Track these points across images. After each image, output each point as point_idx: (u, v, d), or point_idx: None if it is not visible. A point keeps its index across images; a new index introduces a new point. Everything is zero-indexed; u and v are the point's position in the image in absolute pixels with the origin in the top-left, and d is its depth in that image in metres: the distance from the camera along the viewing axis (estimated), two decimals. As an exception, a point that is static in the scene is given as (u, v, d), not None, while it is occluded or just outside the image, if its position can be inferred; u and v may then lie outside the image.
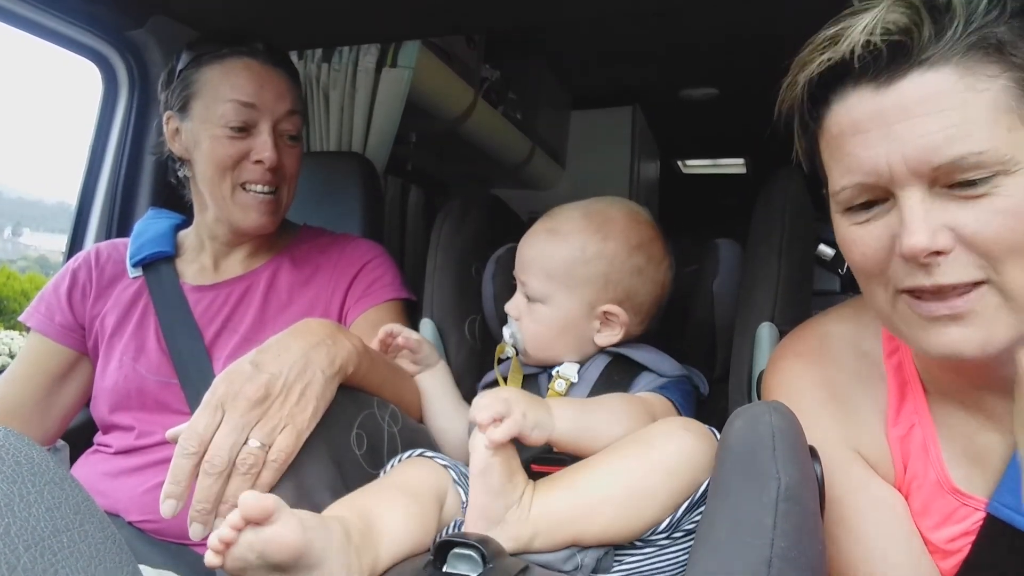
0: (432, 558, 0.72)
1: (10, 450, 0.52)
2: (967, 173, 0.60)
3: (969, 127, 0.60)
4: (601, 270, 1.02)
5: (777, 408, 0.70)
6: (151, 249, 1.25)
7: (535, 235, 1.07)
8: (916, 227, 0.62)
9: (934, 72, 0.61)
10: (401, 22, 1.55)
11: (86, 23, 1.40)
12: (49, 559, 0.48)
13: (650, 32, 2.30)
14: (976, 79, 0.60)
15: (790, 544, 0.61)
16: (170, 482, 0.76)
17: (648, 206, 1.10)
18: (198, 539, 0.75)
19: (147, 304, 1.23)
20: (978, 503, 0.73)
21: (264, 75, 1.18)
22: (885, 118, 0.62)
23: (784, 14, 1.69)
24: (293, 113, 1.20)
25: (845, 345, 0.83)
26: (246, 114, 1.15)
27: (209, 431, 0.77)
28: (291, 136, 1.21)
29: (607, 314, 1.03)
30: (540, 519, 0.75)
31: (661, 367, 1.02)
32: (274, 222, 1.21)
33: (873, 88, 0.63)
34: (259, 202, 1.18)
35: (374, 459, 0.91)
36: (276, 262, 1.27)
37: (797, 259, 1.04)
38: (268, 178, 1.17)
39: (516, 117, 2.63)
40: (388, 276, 1.27)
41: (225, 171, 1.16)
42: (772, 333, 1.00)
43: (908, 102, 0.61)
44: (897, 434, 0.78)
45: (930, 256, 0.62)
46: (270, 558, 0.63)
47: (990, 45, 0.60)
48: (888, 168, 0.62)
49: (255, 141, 1.16)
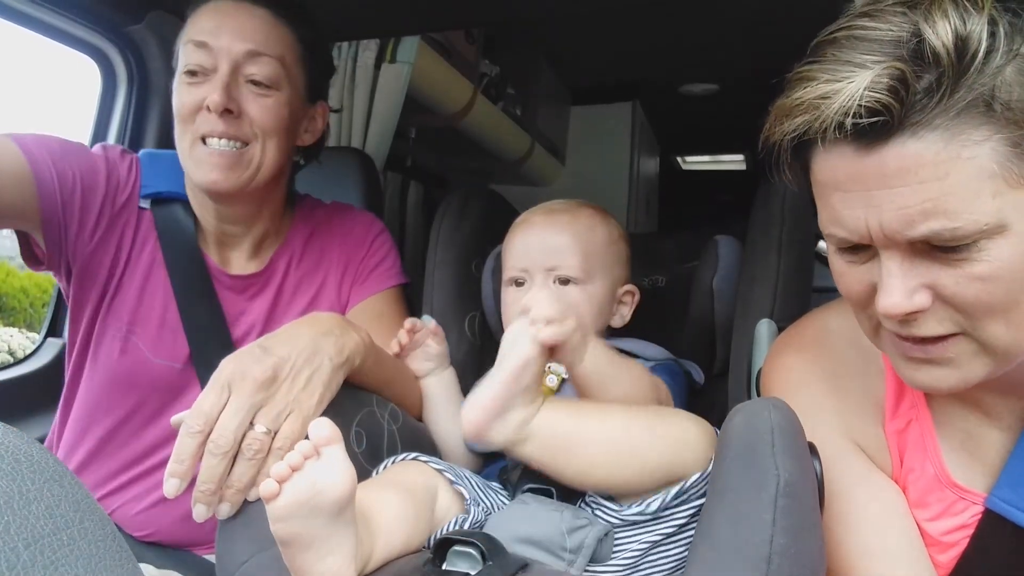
0: (432, 555, 0.72)
1: (9, 447, 0.52)
2: (945, 244, 0.59)
3: (947, 200, 0.57)
4: (621, 251, 1.12)
5: (776, 404, 0.70)
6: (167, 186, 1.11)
7: (555, 221, 1.08)
8: (893, 289, 0.61)
9: (916, 140, 0.57)
10: (400, 17, 1.54)
11: (84, 19, 1.39)
12: (49, 557, 0.48)
13: (650, 28, 2.30)
14: (962, 146, 0.56)
15: (789, 540, 0.61)
16: (174, 461, 0.73)
17: (648, 202, 1.12)
18: (202, 520, 0.74)
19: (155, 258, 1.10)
20: (976, 497, 0.73)
21: (228, 12, 1.02)
22: (865, 183, 0.60)
23: (784, 9, 1.69)
24: (258, 55, 1.02)
25: (844, 339, 0.83)
26: (199, 56, 1.01)
27: (215, 410, 0.75)
28: (255, 81, 1.03)
29: (623, 295, 1.11)
30: (539, 427, 0.78)
31: (647, 353, 1.07)
32: (240, 181, 1.03)
33: (854, 150, 0.60)
34: (215, 156, 1.01)
35: (373, 457, 0.91)
36: (284, 254, 1.18)
37: (796, 255, 1.04)
38: (221, 127, 1.00)
39: (516, 113, 2.63)
40: (391, 258, 1.23)
41: (184, 123, 1.03)
42: (771, 329, 1.01)
43: (888, 171, 0.59)
44: (895, 428, 0.78)
45: (906, 316, 0.62)
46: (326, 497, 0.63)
47: (980, 104, 0.56)
48: (867, 231, 0.62)
49: (211, 86, 1.01)
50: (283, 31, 1.06)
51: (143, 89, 1.52)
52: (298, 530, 0.64)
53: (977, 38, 0.55)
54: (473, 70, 2.23)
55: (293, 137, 1.11)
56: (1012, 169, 0.57)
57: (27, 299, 3.10)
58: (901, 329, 0.64)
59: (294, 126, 1.10)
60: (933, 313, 0.62)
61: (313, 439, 0.65)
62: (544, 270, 1.05)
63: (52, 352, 1.45)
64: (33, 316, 3.06)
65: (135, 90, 1.51)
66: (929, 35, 0.56)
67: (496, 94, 2.46)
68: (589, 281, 1.06)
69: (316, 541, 0.65)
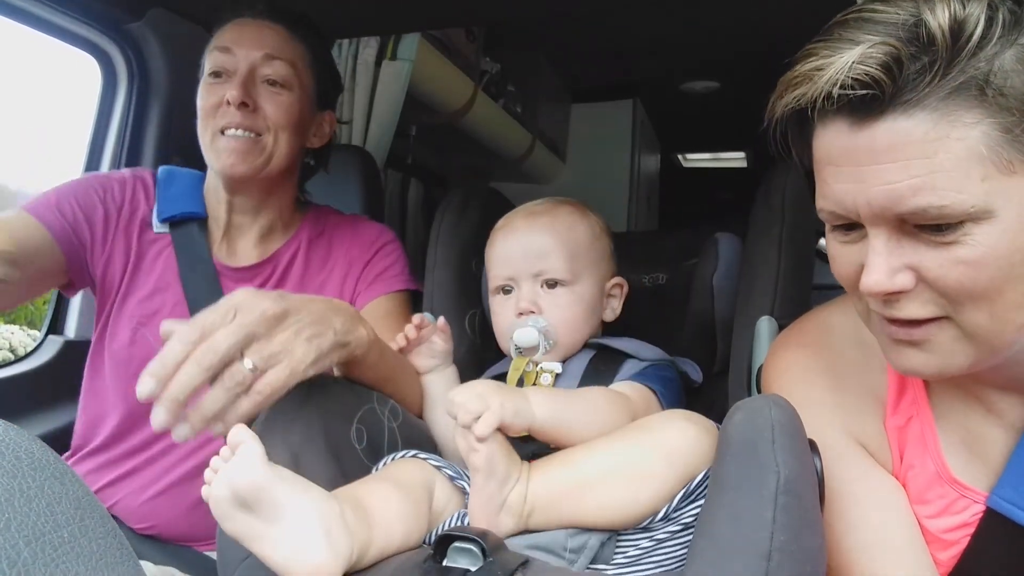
0: (432, 552, 0.72)
1: (10, 444, 0.52)
2: (931, 222, 0.59)
3: (936, 178, 0.58)
4: (605, 246, 1.11)
5: (777, 401, 0.70)
6: (183, 208, 1.20)
7: (536, 224, 1.08)
8: (876, 267, 0.62)
9: (907, 118, 0.58)
10: (401, 15, 1.54)
11: (84, 16, 1.39)
12: (50, 554, 0.48)
13: (651, 25, 2.29)
14: (952, 127, 0.57)
15: (790, 537, 0.61)
16: (156, 362, 0.72)
17: (649, 199, 1.12)
18: (160, 429, 0.72)
19: (167, 266, 1.19)
20: (978, 495, 0.73)
21: (250, 25, 1.17)
22: (856, 159, 0.61)
23: (785, 6, 1.69)
24: (273, 58, 1.15)
25: (845, 335, 0.83)
26: (222, 59, 1.14)
27: (214, 328, 0.74)
28: (271, 81, 1.15)
29: (612, 288, 1.11)
30: (538, 495, 0.77)
31: (642, 352, 1.05)
32: (253, 167, 1.14)
33: (848, 125, 0.61)
34: (232, 142, 1.13)
35: (374, 454, 0.91)
36: (290, 248, 1.25)
37: (797, 253, 1.04)
38: (238, 119, 1.12)
39: (516, 110, 2.63)
40: (399, 264, 1.27)
41: (207, 118, 1.15)
42: (772, 327, 1.00)
43: (878, 147, 0.60)
44: (895, 423, 0.78)
45: (888, 295, 0.63)
46: (234, 490, 0.66)
47: (973, 87, 0.57)
48: (855, 207, 0.62)
49: (231, 84, 1.13)
50: (296, 42, 1.19)
51: (143, 86, 1.52)
52: (240, 527, 0.68)
53: (975, 21, 0.56)
54: (474, 68, 2.23)
55: (303, 137, 1.22)
56: (1002, 155, 0.57)
57: (28, 297, 3.10)
58: (885, 310, 0.64)
59: (304, 126, 1.21)
60: (917, 295, 0.62)
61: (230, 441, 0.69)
62: (530, 276, 1.05)
63: (53, 349, 1.45)
64: (34, 313, 3.06)
65: (135, 87, 1.51)
66: (928, 17, 0.57)
67: (497, 92, 2.46)
68: (577, 281, 1.05)
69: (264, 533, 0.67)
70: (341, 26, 1.63)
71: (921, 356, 0.65)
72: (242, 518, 0.67)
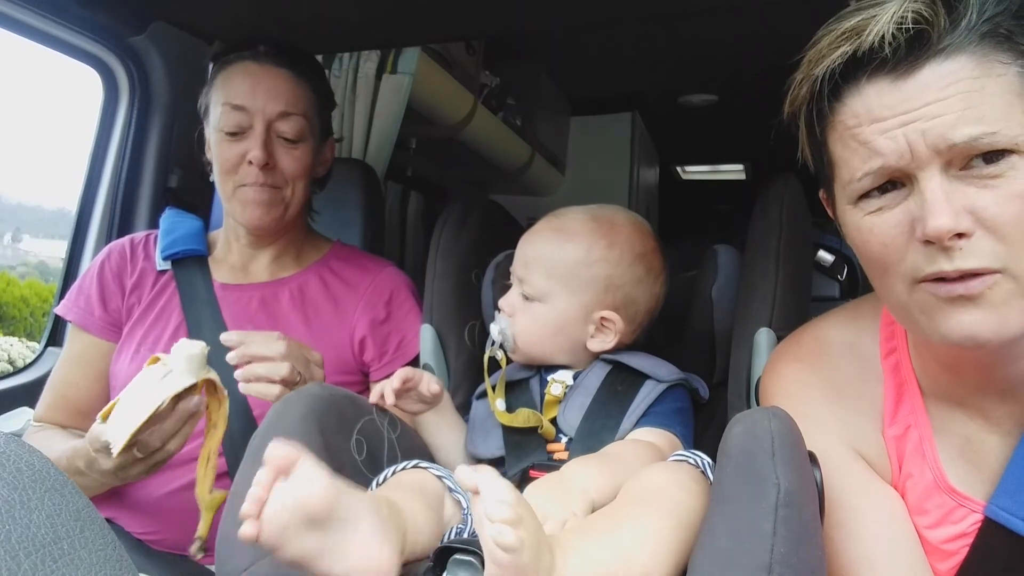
0: (432, 564, 0.72)
1: (11, 456, 0.52)
2: (983, 152, 0.62)
3: (984, 108, 0.62)
4: (604, 274, 1.02)
5: (776, 413, 0.70)
6: (184, 245, 1.28)
7: (539, 233, 1.07)
8: (939, 209, 0.62)
9: (951, 61, 0.63)
10: (401, 28, 1.55)
11: (87, 29, 1.40)
12: (50, 566, 0.48)
13: (650, 38, 2.31)
14: (991, 65, 0.63)
15: (790, 550, 0.61)
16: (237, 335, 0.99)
17: (647, 212, 1.11)
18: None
19: (171, 299, 1.25)
20: (976, 505, 0.73)
21: (259, 76, 1.20)
22: (904, 106, 0.64)
23: (783, 21, 1.70)
24: (288, 115, 1.20)
25: (842, 347, 0.83)
26: (237, 117, 1.18)
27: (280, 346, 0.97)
28: (287, 138, 1.21)
29: (603, 320, 1.03)
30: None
31: (659, 373, 1.02)
32: (275, 217, 1.23)
33: (891, 80, 0.65)
34: (255, 196, 1.20)
35: (374, 465, 0.91)
36: (305, 276, 1.30)
37: (795, 265, 1.04)
38: (261, 179, 1.19)
39: (516, 123, 2.64)
40: (412, 331, 1.27)
41: (227, 173, 1.20)
42: (770, 339, 1.01)
43: (927, 90, 0.63)
44: (893, 434, 0.78)
45: (953, 239, 0.62)
46: (306, 509, 0.62)
47: (1001, 35, 0.63)
48: (909, 149, 0.64)
49: (250, 143, 1.18)
50: (304, 89, 1.24)
51: (145, 99, 1.53)
52: (308, 547, 0.63)
53: None
54: (473, 81, 2.24)
55: (312, 174, 1.29)
56: None
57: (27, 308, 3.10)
58: (946, 264, 0.63)
59: (313, 166, 1.28)
60: (977, 243, 0.63)
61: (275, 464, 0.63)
62: (518, 280, 1.07)
63: (52, 361, 1.45)
64: (33, 325, 3.05)
65: (137, 100, 1.52)
66: None
67: (496, 105, 2.47)
68: (546, 300, 1.03)
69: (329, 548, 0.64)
70: (342, 40, 1.64)
71: (978, 314, 0.64)
72: (310, 538, 0.63)
